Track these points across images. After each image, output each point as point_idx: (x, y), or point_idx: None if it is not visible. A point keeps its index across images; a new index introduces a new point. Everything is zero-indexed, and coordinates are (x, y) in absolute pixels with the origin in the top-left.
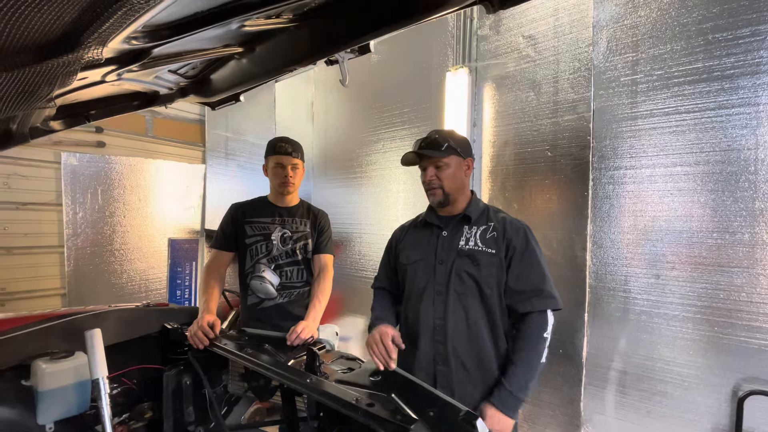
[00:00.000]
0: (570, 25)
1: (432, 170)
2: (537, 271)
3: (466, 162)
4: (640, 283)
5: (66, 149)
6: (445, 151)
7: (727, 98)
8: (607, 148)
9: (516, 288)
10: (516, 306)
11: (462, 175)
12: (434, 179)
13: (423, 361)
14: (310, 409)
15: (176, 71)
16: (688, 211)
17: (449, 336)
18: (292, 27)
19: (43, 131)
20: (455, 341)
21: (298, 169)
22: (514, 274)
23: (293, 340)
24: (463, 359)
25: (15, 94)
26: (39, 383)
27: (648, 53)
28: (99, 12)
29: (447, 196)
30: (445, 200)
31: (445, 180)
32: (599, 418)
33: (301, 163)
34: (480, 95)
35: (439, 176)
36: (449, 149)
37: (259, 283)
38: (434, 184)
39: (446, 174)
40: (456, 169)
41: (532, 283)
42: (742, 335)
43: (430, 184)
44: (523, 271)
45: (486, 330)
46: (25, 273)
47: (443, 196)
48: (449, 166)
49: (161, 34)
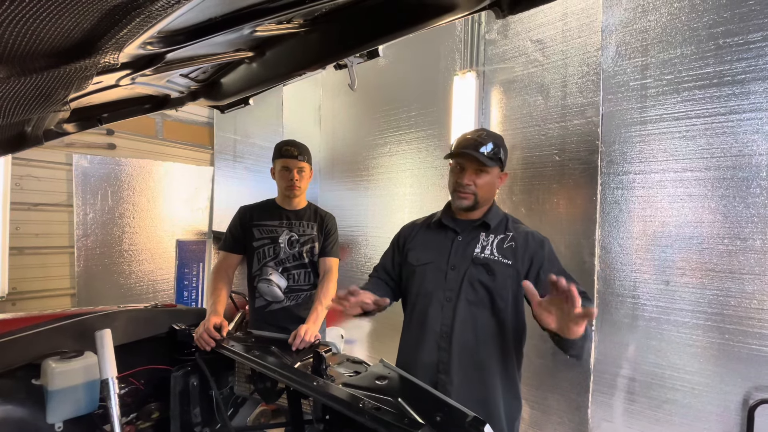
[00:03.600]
0: (579, 29)
1: (472, 175)
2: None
3: (502, 175)
4: (649, 289)
5: (77, 151)
6: (491, 160)
7: (738, 103)
8: (616, 152)
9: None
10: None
11: (495, 186)
12: (471, 185)
13: (425, 368)
14: (316, 412)
15: (187, 75)
16: (699, 217)
17: (454, 344)
18: (302, 32)
19: (57, 133)
20: (460, 350)
21: (304, 173)
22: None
23: (297, 344)
24: (466, 371)
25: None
26: (49, 382)
27: (658, 57)
28: (117, 19)
29: (476, 203)
30: (473, 207)
31: (480, 188)
32: (607, 425)
33: (308, 166)
34: (487, 99)
35: (476, 182)
36: (496, 159)
37: (267, 286)
38: (469, 189)
39: (484, 181)
40: (494, 179)
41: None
42: (753, 343)
43: (465, 188)
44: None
45: (493, 344)
46: (36, 273)
47: (473, 201)
48: (489, 174)
49: (176, 39)
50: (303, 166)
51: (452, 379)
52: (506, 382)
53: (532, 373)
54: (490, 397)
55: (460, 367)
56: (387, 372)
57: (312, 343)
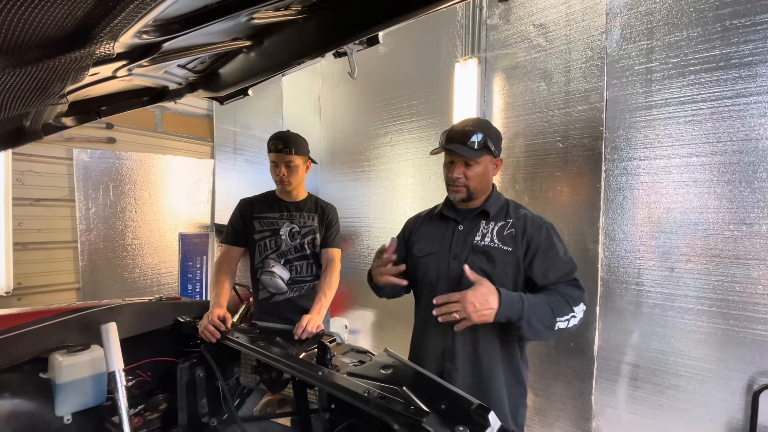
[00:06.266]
0: (582, 12)
1: (461, 168)
2: (564, 266)
3: (496, 161)
4: (653, 276)
5: (77, 145)
6: (479, 151)
7: (745, 86)
8: (620, 138)
9: (544, 283)
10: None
11: (489, 175)
12: (461, 178)
13: (431, 357)
14: (322, 402)
15: (185, 66)
16: (704, 203)
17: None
18: (300, 19)
19: (56, 127)
20: (462, 338)
21: (293, 166)
22: (539, 271)
23: (300, 334)
24: (469, 358)
25: (28, 90)
26: (57, 376)
27: (663, 40)
28: (111, 6)
29: (470, 194)
30: (468, 198)
31: (472, 180)
32: (611, 411)
33: (299, 158)
34: (490, 86)
35: (466, 175)
36: (485, 148)
37: (269, 278)
38: (460, 182)
39: (475, 173)
40: (486, 169)
41: (560, 275)
42: (758, 328)
43: (456, 182)
44: (551, 266)
45: (494, 331)
46: (40, 268)
47: (467, 194)
48: (479, 165)
49: (171, 27)
50: (291, 160)
51: (457, 366)
52: (509, 368)
53: (536, 360)
54: (492, 384)
55: (464, 355)
56: (391, 361)
57: (316, 334)
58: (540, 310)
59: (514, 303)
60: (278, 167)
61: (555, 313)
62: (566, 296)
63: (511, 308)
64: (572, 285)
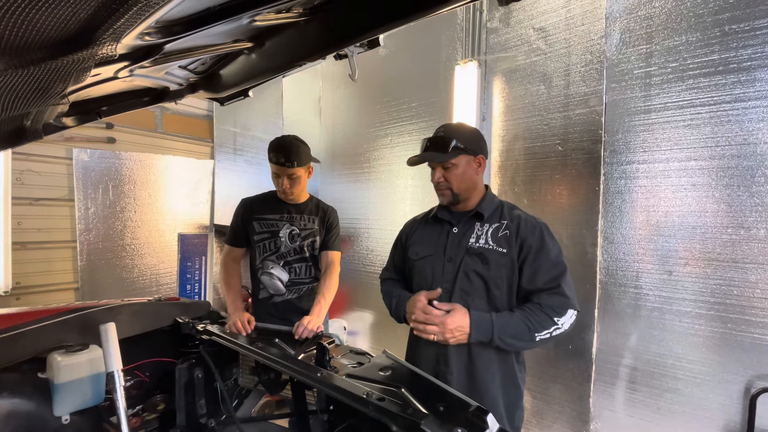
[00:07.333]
0: (582, 16)
1: (440, 171)
2: (552, 270)
3: (476, 159)
4: (652, 279)
5: (77, 145)
6: (451, 153)
7: (744, 91)
8: (619, 142)
9: (529, 288)
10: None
11: (472, 174)
12: (442, 181)
13: (426, 359)
14: (320, 403)
15: (186, 67)
16: (703, 207)
17: None
18: (301, 21)
19: (56, 127)
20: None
21: (295, 178)
22: (527, 275)
23: (300, 332)
24: (465, 362)
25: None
26: (55, 376)
27: (662, 45)
28: (114, 8)
29: (456, 196)
30: (455, 200)
31: (453, 181)
32: (608, 414)
33: (302, 169)
34: (489, 89)
35: (447, 177)
36: (456, 150)
37: (269, 279)
38: (442, 186)
39: (454, 174)
40: (465, 168)
41: (545, 280)
42: (755, 332)
43: (438, 186)
44: (537, 270)
45: None
46: (39, 267)
47: (452, 196)
48: (457, 167)
49: (174, 29)
50: (293, 173)
51: (451, 369)
52: (504, 372)
53: (534, 363)
54: (487, 387)
55: (458, 358)
56: (390, 363)
57: (315, 335)
58: (514, 329)
59: (485, 326)
60: (280, 178)
61: (532, 330)
62: (547, 309)
63: (482, 331)
64: (555, 293)
